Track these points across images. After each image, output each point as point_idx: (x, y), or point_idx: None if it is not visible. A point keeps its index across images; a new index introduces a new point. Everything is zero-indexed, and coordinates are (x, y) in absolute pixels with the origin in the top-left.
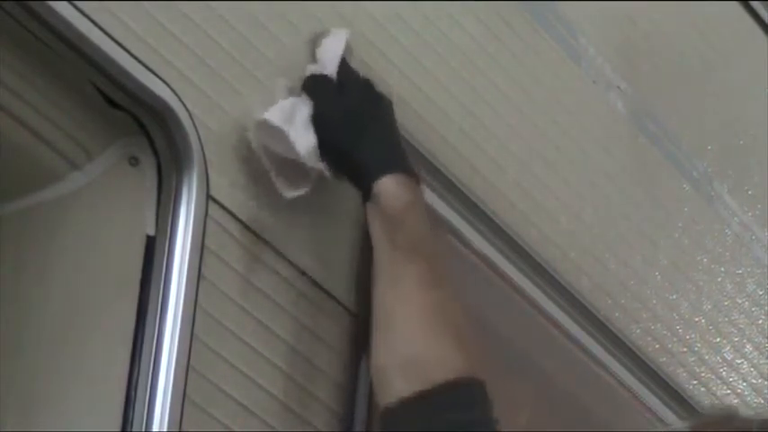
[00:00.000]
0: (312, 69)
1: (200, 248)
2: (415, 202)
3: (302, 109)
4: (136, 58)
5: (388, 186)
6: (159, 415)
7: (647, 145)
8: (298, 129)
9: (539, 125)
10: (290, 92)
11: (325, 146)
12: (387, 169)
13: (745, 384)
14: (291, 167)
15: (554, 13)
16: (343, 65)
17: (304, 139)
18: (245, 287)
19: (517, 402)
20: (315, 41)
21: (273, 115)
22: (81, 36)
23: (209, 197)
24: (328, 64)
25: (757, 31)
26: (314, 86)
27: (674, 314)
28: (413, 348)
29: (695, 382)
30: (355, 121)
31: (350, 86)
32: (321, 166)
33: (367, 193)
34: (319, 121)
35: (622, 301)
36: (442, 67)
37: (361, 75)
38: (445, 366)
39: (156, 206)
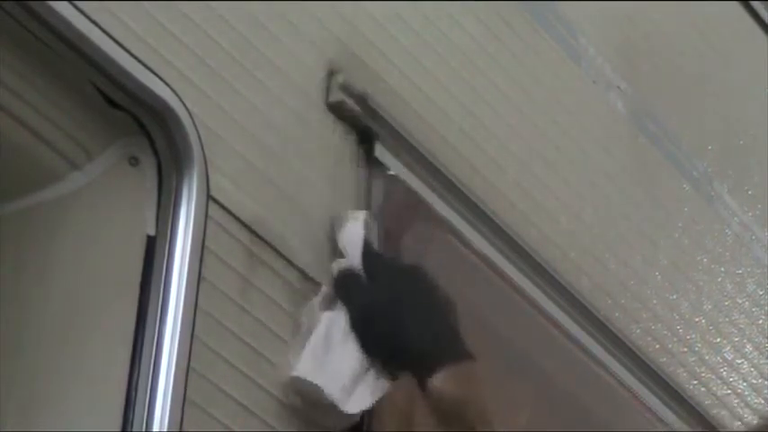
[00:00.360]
0: (337, 266)
1: (201, 249)
2: (471, 396)
3: (338, 322)
4: (136, 58)
5: (443, 385)
6: (159, 415)
7: (647, 145)
8: (335, 354)
9: (539, 125)
10: (325, 303)
11: (371, 348)
12: (438, 360)
13: (745, 384)
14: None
15: (554, 13)
16: (367, 249)
17: (346, 362)
18: (245, 287)
19: (517, 402)
20: (335, 226)
21: (304, 369)
22: (81, 36)
23: (209, 197)
24: (352, 251)
25: (757, 31)
26: (344, 289)
27: (674, 314)
28: None
29: (695, 382)
30: (394, 314)
31: (378, 275)
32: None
33: (422, 385)
34: (358, 326)
35: (622, 301)
36: (442, 67)
37: (385, 256)
38: None
39: (157, 206)
